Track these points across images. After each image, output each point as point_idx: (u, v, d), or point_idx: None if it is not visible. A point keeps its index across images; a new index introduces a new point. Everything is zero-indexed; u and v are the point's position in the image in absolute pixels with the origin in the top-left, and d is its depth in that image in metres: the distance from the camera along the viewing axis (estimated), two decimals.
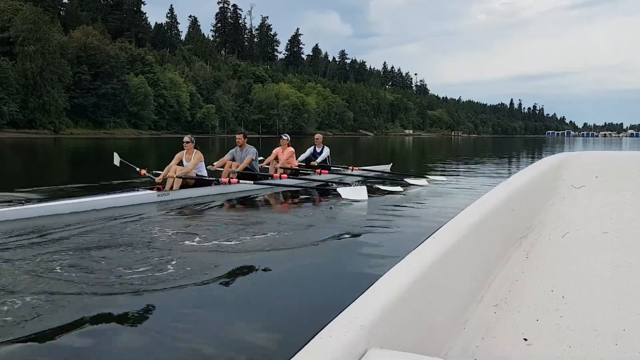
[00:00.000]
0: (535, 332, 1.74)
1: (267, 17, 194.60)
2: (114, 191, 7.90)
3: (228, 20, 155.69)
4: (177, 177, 8.17)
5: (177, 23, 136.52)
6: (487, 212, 2.04)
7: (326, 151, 11.80)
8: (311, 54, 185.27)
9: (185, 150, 8.76)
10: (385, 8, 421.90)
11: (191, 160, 8.67)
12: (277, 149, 11.01)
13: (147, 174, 8.84)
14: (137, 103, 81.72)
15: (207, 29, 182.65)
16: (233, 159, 9.79)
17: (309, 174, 11.07)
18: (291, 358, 1.01)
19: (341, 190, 8.59)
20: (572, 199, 2.56)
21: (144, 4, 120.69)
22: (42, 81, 63.75)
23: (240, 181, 9.02)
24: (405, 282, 1.41)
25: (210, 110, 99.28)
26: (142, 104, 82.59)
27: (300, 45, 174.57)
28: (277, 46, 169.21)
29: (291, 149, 10.99)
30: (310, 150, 12.01)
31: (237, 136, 9.82)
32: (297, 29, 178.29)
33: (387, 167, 14.10)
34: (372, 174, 12.43)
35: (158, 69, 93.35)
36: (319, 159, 11.65)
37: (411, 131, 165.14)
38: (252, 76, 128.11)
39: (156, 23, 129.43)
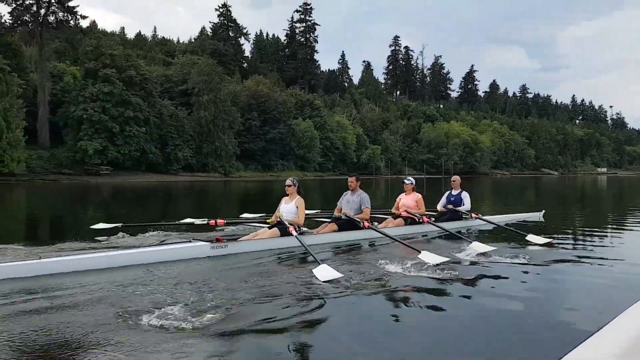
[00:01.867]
0: None
1: (440, 56, 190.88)
2: (164, 243, 7.41)
3: (400, 62, 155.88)
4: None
5: (348, 68, 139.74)
6: None
7: (466, 197, 10.23)
8: (488, 90, 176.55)
9: (288, 195, 8.11)
10: (575, 39, 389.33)
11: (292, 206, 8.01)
12: (400, 195, 9.84)
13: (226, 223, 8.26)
14: (303, 146, 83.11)
15: (379, 72, 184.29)
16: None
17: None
18: None
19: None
20: None
21: (317, 52, 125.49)
22: (215, 128, 67.47)
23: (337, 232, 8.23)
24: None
25: (376, 151, 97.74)
26: (308, 147, 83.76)
27: (475, 82, 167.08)
28: (450, 84, 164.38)
29: (417, 195, 9.65)
30: (446, 195, 10.54)
31: (349, 179, 8.92)
32: (472, 66, 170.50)
33: (537, 216, 11.52)
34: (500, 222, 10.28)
35: (326, 113, 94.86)
36: (464, 207, 10.10)
37: (604, 169, 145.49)
38: (423, 116, 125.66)
39: (328, 69, 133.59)
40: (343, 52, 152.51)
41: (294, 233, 7.26)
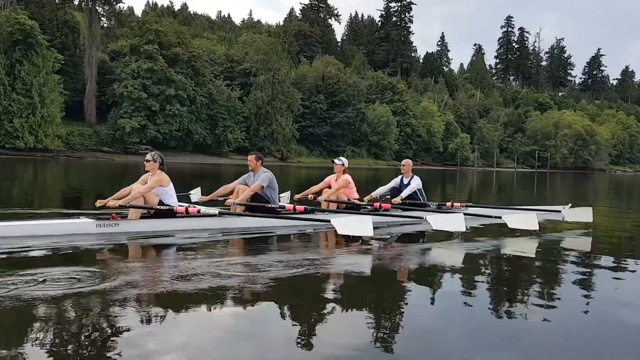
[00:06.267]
0: None
1: (562, 38, 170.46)
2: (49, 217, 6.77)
3: (512, 45, 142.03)
4: (120, 205, 6.32)
5: (448, 50, 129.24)
6: None
7: (415, 182, 8.74)
8: (619, 77, 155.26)
9: (149, 173, 6.79)
10: None
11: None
12: (330, 177, 8.58)
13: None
14: (378, 132, 76.70)
15: (491, 55, 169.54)
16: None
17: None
18: None
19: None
20: None
21: (412, 34, 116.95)
22: (272, 110, 63.69)
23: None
24: None
25: (464, 140, 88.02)
26: (384, 133, 77.06)
27: (602, 68, 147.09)
28: (571, 70, 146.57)
29: (347, 177, 8.38)
30: (395, 181, 9.07)
31: (249, 157, 7.81)
32: (598, 50, 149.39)
33: (562, 209, 8.85)
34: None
35: (409, 98, 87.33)
36: (404, 193, 8.54)
37: None
38: (534, 103, 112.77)
39: (427, 52, 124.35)
40: (443, 33, 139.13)
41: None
